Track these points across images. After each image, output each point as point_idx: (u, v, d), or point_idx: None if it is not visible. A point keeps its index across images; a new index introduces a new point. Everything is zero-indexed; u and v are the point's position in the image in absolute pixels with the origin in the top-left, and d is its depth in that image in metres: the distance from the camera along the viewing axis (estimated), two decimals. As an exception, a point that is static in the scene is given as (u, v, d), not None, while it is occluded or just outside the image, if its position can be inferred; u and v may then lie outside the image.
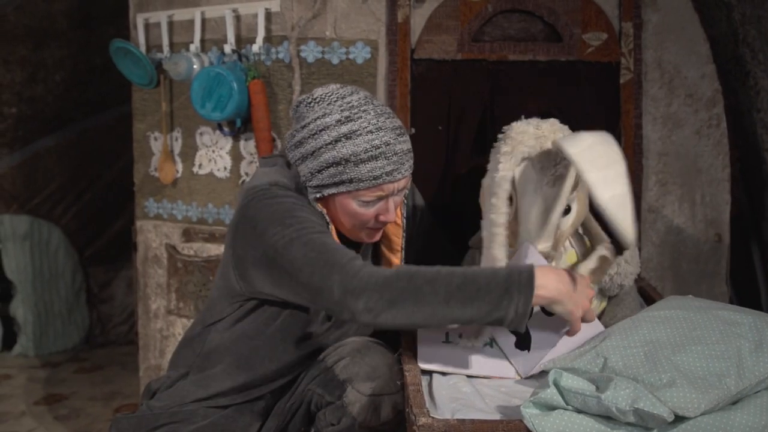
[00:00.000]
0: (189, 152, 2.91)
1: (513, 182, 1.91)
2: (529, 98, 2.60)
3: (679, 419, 1.41)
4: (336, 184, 1.84)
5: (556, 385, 1.50)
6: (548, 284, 1.62)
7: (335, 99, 1.88)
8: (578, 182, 1.90)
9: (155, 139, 3.00)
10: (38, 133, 4.51)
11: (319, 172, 1.85)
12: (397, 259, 2.05)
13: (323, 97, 1.89)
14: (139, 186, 3.09)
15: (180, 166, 2.94)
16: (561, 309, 1.66)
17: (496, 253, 1.84)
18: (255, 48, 2.67)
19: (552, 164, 1.87)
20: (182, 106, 2.90)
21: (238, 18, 2.74)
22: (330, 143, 1.83)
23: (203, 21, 2.80)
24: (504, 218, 1.86)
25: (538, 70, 2.60)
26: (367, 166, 1.82)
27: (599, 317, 2.14)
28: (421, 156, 2.61)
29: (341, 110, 1.85)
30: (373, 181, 1.83)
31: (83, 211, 4.69)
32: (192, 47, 2.79)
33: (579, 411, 1.48)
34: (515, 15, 2.60)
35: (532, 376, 1.80)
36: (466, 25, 2.58)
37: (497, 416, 1.57)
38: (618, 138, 2.59)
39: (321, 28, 2.63)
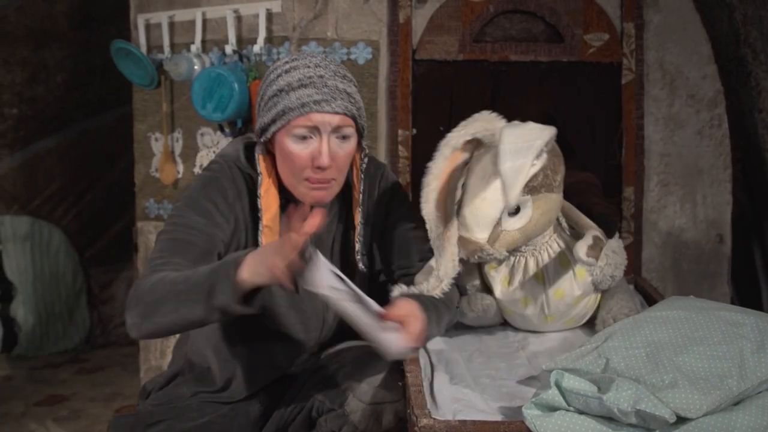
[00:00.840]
0: (190, 153, 2.90)
1: (466, 167, 1.95)
2: (530, 99, 2.60)
3: (681, 420, 1.41)
4: (273, 120, 1.85)
5: (558, 386, 1.49)
6: (249, 264, 1.61)
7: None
8: (537, 187, 1.91)
9: (156, 139, 3.00)
10: (39, 134, 4.51)
11: (263, 111, 1.87)
12: (354, 260, 2.02)
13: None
14: (139, 187, 3.09)
15: (181, 167, 2.94)
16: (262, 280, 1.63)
17: (427, 209, 1.89)
18: (256, 48, 2.67)
19: None
20: (183, 107, 2.90)
21: (239, 18, 2.74)
22: (272, 80, 1.87)
23: (204, 21, 2.80)
24: (437, 175, 1.90)
25: (539, 70, 2.60)
26: (296, 93, 1.82)
27: (594, 313, 2.13)
28: (423, 157, 2.62)
29: (291, 57, 1.91)
30: (301, 109, 1.81)
31: (84, 212, 4.69)
32: (193, 48, 2.79)
33: (581, 412, 1.47)
34: (517, 15, 2.60)
35: (533, 377, 1.79)
36: (468, 26, 2.58)
37: (499, 417, 1.57)
38: (620, 138, 2.59)
39: (322, 29, 2.63)
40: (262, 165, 1.90)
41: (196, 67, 2.75)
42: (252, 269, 1.59)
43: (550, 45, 2.58)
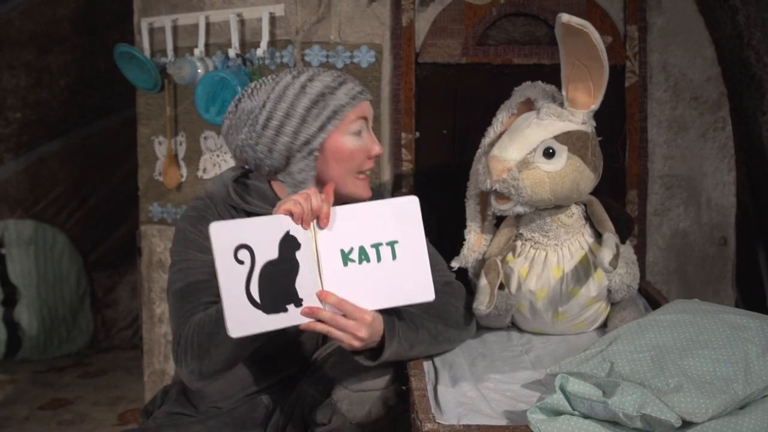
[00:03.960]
0: (193, 156, 2.90)
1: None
2: (533, 102, 2.60)
3: (686, 424, 1.41)
4: (323, 125, 1.84)
5: (563, 390, 1.49)
6: None
7: (272, 76, 1.92)
8: (577, 146, 2.00)
9: (159, 143, 3.00)
10: (43, 138, 4.52)
11: (302, 124, 1.84)
12: None
13: (259, 82, 1.93)
14: (143, 190, 3.09)
15: (184, 171, 2.94)
16: None
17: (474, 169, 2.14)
18: (259, 52, 2.67)
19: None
20: (186, 111, 2.90)
21: (242, 22, 2.74)
22: (299, 92, 1.85)
23: (207, 25, 2.80)
24: (492, 139, 2.13)
25: (543, 73, 2.59)
26: (341, 89, 1.86)
27: (603, 323, 2.14)
28: (426, 160, 2.62)
29: (287, 73, 1.91)
30: (353, 101, 1.86)
31: (88, 216, 4.70)
32: (196, 51, 2.79)
33: (585, 416, 1.47)
34: (520, 19, 2.59)
35: (537, 381, 1.79)
36: (471, 29, 2.58)
37: (503, 421, 1.56)
38: (623, 141, 2.59)
39: (325, 32, 2.63)
40: (281, 191, 1.92)
41: (199, 71, 2.75)
42: None
43: (554, 48, 2.57)
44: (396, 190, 2.61)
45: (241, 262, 1.57)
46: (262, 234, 1.59)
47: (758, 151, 2.65)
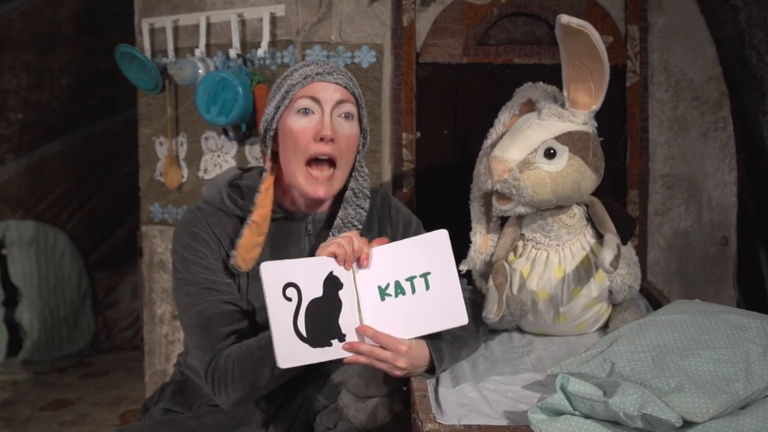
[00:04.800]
0: (194, 157, 2.90)
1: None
2: (534, 102, 2.59)
3: (687, 424, 1.41)
4: (278, 105, 1.89)
5: (563, 390, 1.49)
6: None
7: None
8: (578, 146, 1.99)
9: (160, 144, 3.00)
10: (44, 139, 4.52)
11: (268, 106, 1.93)
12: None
13: None
14: (144, 191, 3.09)
15: (185, 171, 2.94)
16: None
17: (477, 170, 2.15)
18: (260, 52, 2.67)
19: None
20: (187, 111, 2.90)
21: (243, 22, 2.74)
22: (278, 82, 1.93)
23: (208, 26, 2.80)
24: (495, 140, 2.12)
25: (543, 73, 2.59)
26: (300, 71, 1.89)
27: (604, 324, 2.14)
28: (427, 160, 2.62)
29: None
30: (303, 81, 1.87)
31: (89, 217, 4.70)
32: (197, 52, 2.79)
33: (586, 416, 1.47)
34: (520, 18, 2.59)
35: (538, 382, 1.79)
36: (472, 29, 2.58)
37: (504, 422, 1.56)
38: (624, 141, 2.58)
39: (326, 33, 2.63)
40: (268, 164, 1.93)
41: (200, 71, 2.76)
42: None
43: (555, 48, 2.56)
44: (397, 190, 2.61)
45: (289, 299, 1.67)
46: (308, 273, 1.69)
47: (759, 150, 2.65)
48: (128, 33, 3.16)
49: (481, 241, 2.16)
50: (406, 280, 1.75)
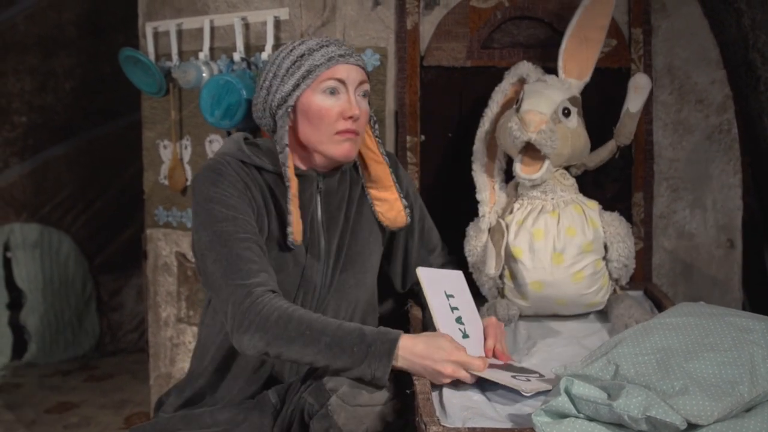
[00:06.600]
0: (198, 160, 2.91)
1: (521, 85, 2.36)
2: (538, 104, 2.59)
3: (691, 427, 1.40)
4: (297, 83, 1.96)
5: (568, 392, 1.49)
6: (407, 356, 1.75)
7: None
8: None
9: (165, 147, 3.01)
10: (48, 142, 4.53)
11: (282, 83, 1.98)
12: (392, 194, 2.14)
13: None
14: (148, 194, 3.10)
15: (190, 174, 2.94)
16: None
17: (477, 146, 2.39)
18: (264, 56, 2.67)
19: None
20: (191, 114, 2.90)
21: (247, 26, 2.74)
22: (287, 54, 1.99)
23: (212, 29, 2.81)
24: (490, 118, 2.39)
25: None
26: (320, 52, 1.97)
27: (603, 317, 2.15)
28: (431, 163, 2.62)
29: (292, 42, 2.04)
30: (328, 63, 1.95)
31: (93, 220, 4.71)
32: (201, 55, 2.80)
33: (590, 419, 1.47)
34: (524, 22, 2.59)
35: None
36: (476, 33, 2.58)
37: (508, 425, 1.56)
38: (629, 145, 2.58)
39: (330, 36, 2.63)
40: (288, 136, 1.98)
41: (204, 75, 2.76)
42: (409, 365, 1.75)
43: (558, 51, 2.57)
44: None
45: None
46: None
47: (764, 153, 2.65)
48: (132, 36, 3.17)
49: (488, 197, 2.33)
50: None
